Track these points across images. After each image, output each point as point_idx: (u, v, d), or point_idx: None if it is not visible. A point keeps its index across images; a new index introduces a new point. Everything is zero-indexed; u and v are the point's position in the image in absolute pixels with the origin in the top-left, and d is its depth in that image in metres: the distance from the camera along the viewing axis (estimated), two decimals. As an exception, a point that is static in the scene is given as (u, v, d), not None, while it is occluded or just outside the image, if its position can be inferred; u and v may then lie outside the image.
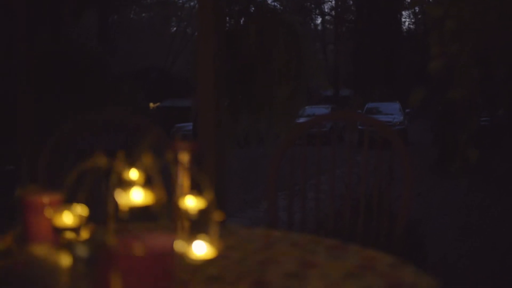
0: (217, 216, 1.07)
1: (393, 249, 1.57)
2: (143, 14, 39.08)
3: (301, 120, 4.50)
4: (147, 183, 0.99)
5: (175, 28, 38.67)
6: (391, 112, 18.69)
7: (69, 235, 1.00)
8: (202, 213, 1.09)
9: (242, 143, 5.38)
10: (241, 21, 5.27)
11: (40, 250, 1.13)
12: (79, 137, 2.07)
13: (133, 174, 0.99)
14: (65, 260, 0.95)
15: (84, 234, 1.01)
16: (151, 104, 26.06)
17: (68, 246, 0.95)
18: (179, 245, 1.02)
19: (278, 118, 5.25)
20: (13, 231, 1.27)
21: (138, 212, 0.97)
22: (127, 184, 0.97)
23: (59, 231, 1.02)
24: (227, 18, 5.26)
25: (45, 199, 1.16)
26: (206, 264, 1.08)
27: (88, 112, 2.10)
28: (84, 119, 2.07)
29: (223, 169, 3.04)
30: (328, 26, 39.25)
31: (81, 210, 1.02)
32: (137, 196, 0.97)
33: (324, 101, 29.03)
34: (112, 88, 10.69)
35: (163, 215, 0.99)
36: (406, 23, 39.29)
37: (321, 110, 18.30)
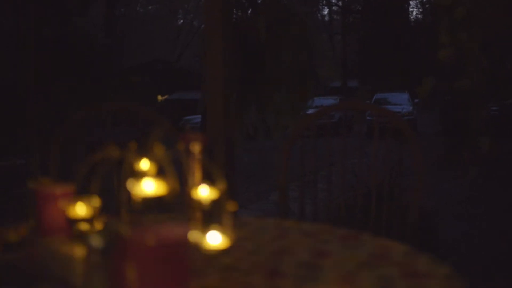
0: (230, 206, 1.07)
1: (406, 239, 1.57)
2: (150, 7, 39.07)
3: (310, 111, 4.48)
4: (160, 173, 0.99)
5: (181, 21, 38.65)
6: (399, 103, 18.59)
7: (83, 226, 1.00)
8: (215, 203, 1.09)
9: (252, 132, 5.37)
10: (249, 12, 5.25)
11: (54, 241, 1.13)
12: (88, 130, 2.08)
13: (146, 164, 0.99)
14: (79, 251, 0.95)
15: (98, 225, 1.01)
16: (159, 97, 26.08)
17: (82, 237, 0.95)
18: (193, 235, 1.02)
19: (287, 110, 5.24)
20: (26, 223, 1.27)
21: (152, 203, 0.96)
22: (140, 175, 0.97)
23: (72, 222, 1.02)
24: (234, 9, 5.24)
25: (58, 190, 1.16)
26: (220, 254, 1.08)
27: (95, 105, 2.10)
28: (92, 112, 2.07)
29: (232, 161, 3.04)
30: (335, 16, 39.07)
31: (94, 201, 1.02)
32: (150, 186, 0.96)
33: (332, 92, 28.90)
34: (120, 81, 10.73)
35: (176, 206, 0.99)
36: (414, 13, 39.02)
37: (330, 101, 18.21)
